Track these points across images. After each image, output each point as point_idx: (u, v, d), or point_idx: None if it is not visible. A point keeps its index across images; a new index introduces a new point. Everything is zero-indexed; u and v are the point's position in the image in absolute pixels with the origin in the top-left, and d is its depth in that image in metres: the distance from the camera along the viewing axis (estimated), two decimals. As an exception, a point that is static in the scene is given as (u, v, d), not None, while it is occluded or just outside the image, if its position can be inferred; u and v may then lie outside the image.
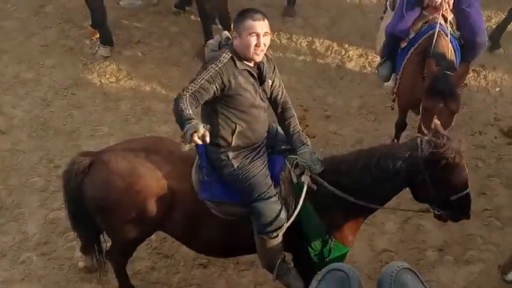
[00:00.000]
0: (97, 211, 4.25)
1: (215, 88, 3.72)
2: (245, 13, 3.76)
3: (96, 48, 7.28)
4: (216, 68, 3.70)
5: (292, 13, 7.79)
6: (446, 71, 4.86)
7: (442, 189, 3.87)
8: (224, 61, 3.74)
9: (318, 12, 7.91)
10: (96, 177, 4.18)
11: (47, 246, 5.26)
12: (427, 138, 3.85)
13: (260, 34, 3.70)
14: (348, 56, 7.26)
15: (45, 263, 5.14)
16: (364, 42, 7.31)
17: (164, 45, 7.47)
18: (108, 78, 7.02)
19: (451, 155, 3.75)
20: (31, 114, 6.55)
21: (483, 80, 6.86)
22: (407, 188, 4.03)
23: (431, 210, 4.12)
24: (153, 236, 4.58)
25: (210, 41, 3.99)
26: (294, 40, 7.51)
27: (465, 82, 5.58)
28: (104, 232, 4.56)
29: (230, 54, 3.76)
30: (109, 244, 4.66)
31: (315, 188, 3.96)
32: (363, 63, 7.11)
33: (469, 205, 4.06)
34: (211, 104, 3.82)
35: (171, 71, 7.07)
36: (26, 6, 8.05)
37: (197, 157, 4.07)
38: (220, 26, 6.89)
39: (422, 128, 4.79)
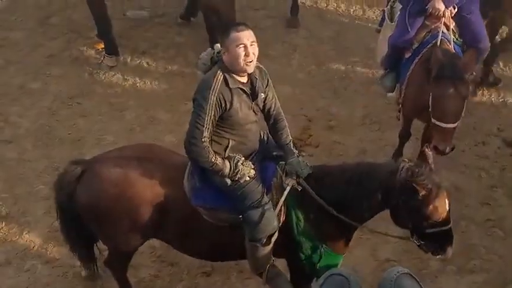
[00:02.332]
0: (90, 219, 4.28)
1: (218, 114, 3.81)
2: (228, 27, 3.81)
3: (102, 58, 7.34)
4: (214, 98, 3.75)
5: (296, 24, 7.83)
6: (453, 57, 4.92)
7: (416, 219, 3.82)
8: (218, 85, 3.77)
9: (321, 23, 7.95)
10: (89, 185, 4.20)
11: (52, 254, 5.29)
12: (408, 164, 3.80)
13: (247, 44, 3.73)
14: (352, 67, 7.29)
15: (49, 270, 5.16)
16: (367, 53, 7.34)
17: (169, 55, 7.52)
18: (113, 87, 7.07)
19: (427, 187, 3.68)
20: (37, 123, 6.60)
21: (486, 91, 6.87)
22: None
23: (411, 239, 4.02)
24: (157, 244, 4.61)
25: (202, 55, 4.02)
26: (298, 51, 7.55)
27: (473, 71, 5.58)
28: (100, 241, 4.58)
29: (222, 75, 3.79)
30: (104, 253, 4.69)
31: (300, 189, 3.99)
32: (366, 73, 7.14)
33: (450, 242, 3.93)
34: None
35: (176, 81, 7.12)
36: (31, 17, 8.13)
37: (189, 163, 4.09)
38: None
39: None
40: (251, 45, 3.76)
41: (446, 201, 3.83)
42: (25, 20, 8.10)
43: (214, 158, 3.84)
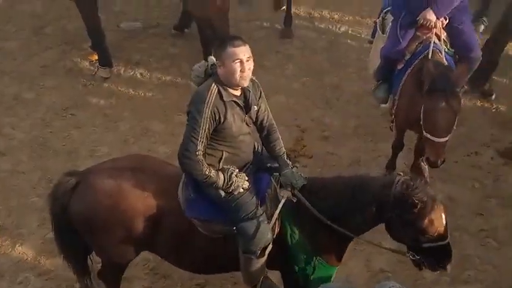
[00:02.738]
0: (84, 231, 4.27)
1: (212, 127, 3.81)
2: (225, 41, 3.81)
3: (96, 69, 7.35)
4: (208, 112, 3.74)
5: (289, 35, 7.87)
6: (446, 71, 4.93)
7: (411, 233, 3.81)
8: (212, 98, 3.77)
9: (315, 34, 7.98)
10: (83, 197, 4.19)
11: (45, 266, 5.27)
12: (404, 178, 3.80)
13: (243, 60, 3.73)
14: (345, 77, 7.32)
15: (43, 283, 5.14)
16: (361, 64, 7.37)
17: (163, 66, 7.54)
18: (107, 99, 7.08)
19: (422, 200, 3.67)
20: (31, 134, 6.60)
21: (479, 101, 6.90)
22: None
23: (407, 255, 3.99)
24: (150, 256, 4.61)
25: (196, 67, 4.02)
26: (292, 61, 7.57)
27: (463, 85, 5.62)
28: (93, 252, 4.56)
29: (216, 88, 3.80)
30: (98, 265, 4.67)
31: (295, 201, 3.99)
32: (359, 84, 7.16)
33: (448, 257, 3.91)
34: None
35: (170, 92, 7.13)
36: (26, 27, 8.14)
37: (184, 175, 4.09)
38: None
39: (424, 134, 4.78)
40: (247, 60, 3.76)
41: (443, 216, 3.81)
42: (20, 30, 8.12)
43: (208, 170, 3.85)
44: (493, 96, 6.93)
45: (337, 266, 4.24)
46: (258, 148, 4.24)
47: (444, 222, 3.82)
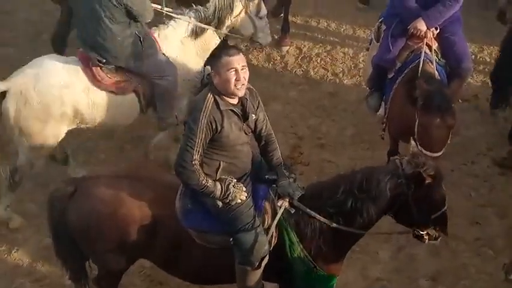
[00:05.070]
0: (81, 238, 4.28)
1: (209, 137, 3.81)
2: (219, 51, 3.83)
3: None
4: (204, 121, 3.75)
5: (286, 42, 7.87)
6: (440, 87, 4.94)
7: (424, 208, 3.93)
8: (209, 108, 3.77)
9: (312, 42, 7.99)
10: (80, 204, 4.20)
11: (40, 272, 5.26)
12: (406, 158, 3.93)
13: (238, 69, 3.75)
14: (342, 85, 7.33)
15: (38, 289, 5.13)
16: (358, 72, 7.40)
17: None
18: (104, 105, 7.03)
19: (431, 173, 3.83)
20: (27, 140, 6.56)
21: (476, 110, 6.91)
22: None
23: (412, 231, 4.12)
24: (146, 263, 4.59)
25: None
26: (289, 69, 7.59)
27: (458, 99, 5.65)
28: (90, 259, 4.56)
29: (212, 97, 3.80)
30: (95, 271, 4.66)
31: (293, 212, 3.99)
32: (356, 92, 7.17)
33: (447, 222, 4.11)
34: None
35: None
36: (23, 33, 8.12)
37: (181, 185, 4.08)
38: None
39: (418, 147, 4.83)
40: (242, 69, 3.77)
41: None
42: (16, 36, 8.09)
43: (205, 180, 3.84)
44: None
45: (338, 275, 4.23)
46: (256, 158, 4.23)
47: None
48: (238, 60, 3.76)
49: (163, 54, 5.53)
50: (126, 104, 5.51)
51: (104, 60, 5.34)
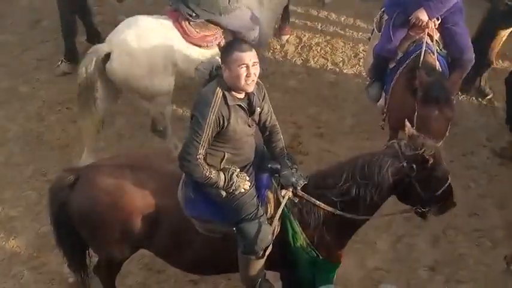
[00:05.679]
0: (82, 226, 4.27)
1: (215, 132, 3.79)
2: (231, 45, 3.79)
3: (59, 62, 7.26)
4: (213, 117, 3.72)
5: (286, 31, 7.84)
6: (439, 79, 4.92)
7: (428, 187, 3.93)
8: (218, 103, 3.73)
9: (312, 31, 7.96)
10: (82, 193, 4.19)
11: (38, 260, 5.26)
12: (404, 142, 3.95)
13: (249, 65, 3.70)
14: (342, 75, 7.31)
15: (35, 277, 5.14)
16: (358, 61, 7.37)
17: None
18: (103, 93, 7.02)
19: (431, 153, 3.85)
20: (25, 128, 6.57)
21: (475, 101, 6.90)
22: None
23: (415, 209, 4.13)
24: (145, 252, 4.59)
25: (200, 67, 4.01)
26: (289, 58, 7.55)
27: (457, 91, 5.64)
28: (90, 248, 4.56)
29: (221, 92, 3.75)
30: (94, 259, 4.67)
31: (296, 201, 3.99)
32: (356, 82, 7.15)
33: (452, 193, 4.12)
34: None
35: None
36: (22, 20, 8.09)
37: (184, 174, 4.07)
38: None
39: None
40: (253, 65, 3.72)
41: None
42: (16, 23, 8.06)
43: (208, 172, 3.82)
44: (490, 96, 6.91)
45: (340, 262, 4.24)
46: (260, 148, 4.22)
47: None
48: (250, 56, 3.71)
49: (248, 8, 5.85)
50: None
51: (194, 15, 5.54)
